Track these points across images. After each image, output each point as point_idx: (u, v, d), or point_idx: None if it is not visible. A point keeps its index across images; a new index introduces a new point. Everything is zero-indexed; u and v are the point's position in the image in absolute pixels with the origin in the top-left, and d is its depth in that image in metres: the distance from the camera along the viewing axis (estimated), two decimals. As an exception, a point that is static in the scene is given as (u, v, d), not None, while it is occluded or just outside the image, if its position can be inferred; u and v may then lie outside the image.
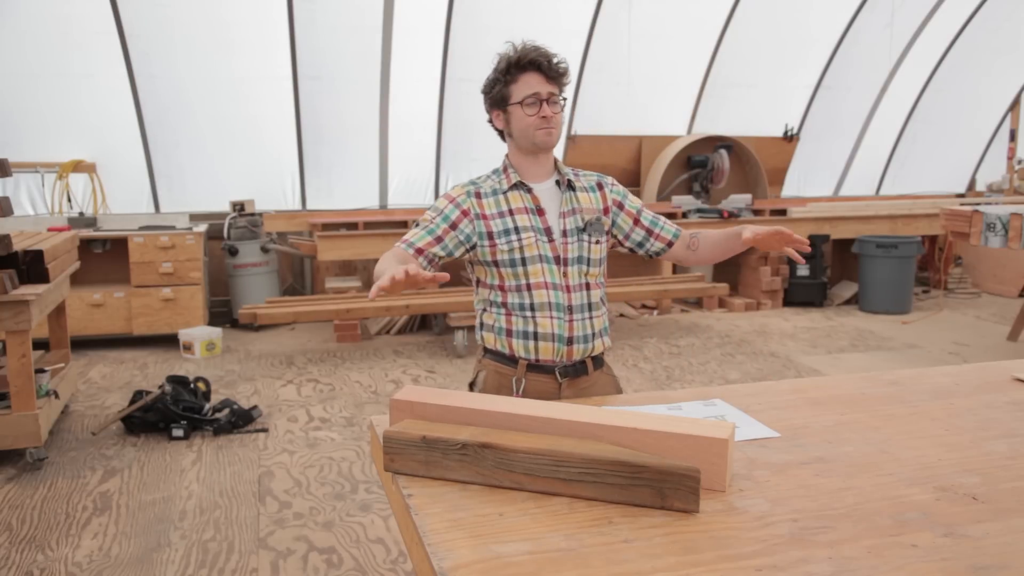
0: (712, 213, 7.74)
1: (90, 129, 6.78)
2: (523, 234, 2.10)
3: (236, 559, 3.01)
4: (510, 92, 2.08)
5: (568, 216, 2.14)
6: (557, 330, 2.11)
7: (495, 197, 2.14)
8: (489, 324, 2.18)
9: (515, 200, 2.13)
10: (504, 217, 2.11)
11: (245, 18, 6.79)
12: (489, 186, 2.15)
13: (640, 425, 1.47)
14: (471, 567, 1.16)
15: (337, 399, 4.93)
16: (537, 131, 2.08)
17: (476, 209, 2.11)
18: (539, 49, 2.08)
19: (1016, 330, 6.37)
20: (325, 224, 7.13)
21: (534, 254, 2.10)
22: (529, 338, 2.12)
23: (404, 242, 2.08)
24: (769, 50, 8.34)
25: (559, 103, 2.10)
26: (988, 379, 2.09)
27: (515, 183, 2.13)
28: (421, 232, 2.09)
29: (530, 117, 2.07)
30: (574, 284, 2.13)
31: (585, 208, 2.16)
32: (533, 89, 2.06)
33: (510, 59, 2.08)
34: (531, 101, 2.07)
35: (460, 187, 2.17)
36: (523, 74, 2.06)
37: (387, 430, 1.54)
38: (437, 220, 2.10)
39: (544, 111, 2.06)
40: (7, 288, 3.59)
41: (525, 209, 2.13)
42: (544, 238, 2.11)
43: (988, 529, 1.27)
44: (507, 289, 2.13)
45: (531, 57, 2.06)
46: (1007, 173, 9.38)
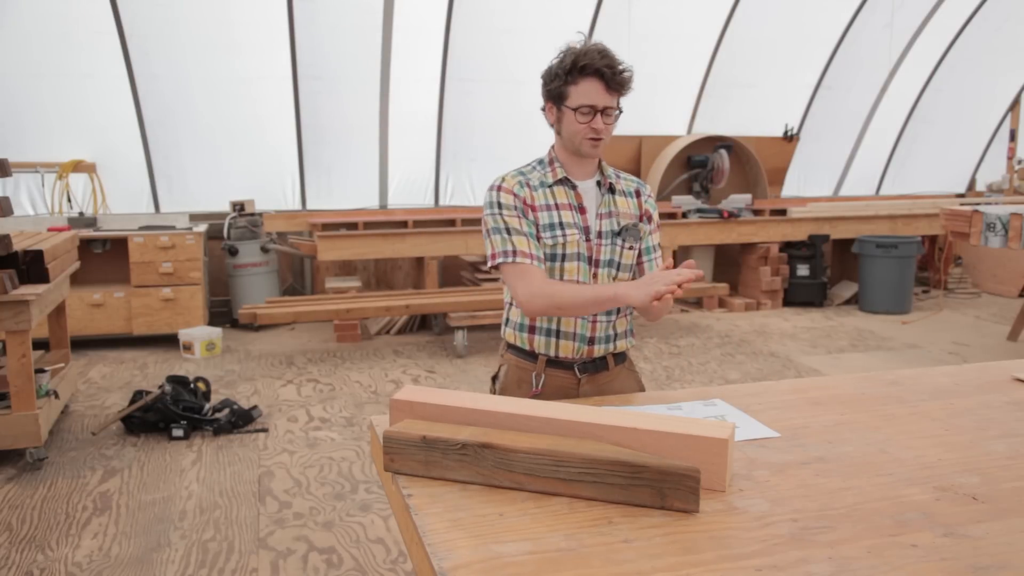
0: (712, 213, 7.74)
1: (90, 129, 6.78)
2: (567, 230, 2.09)
3: (236, 559, 3.01)
4: (568, 93, 2.02)
5: (605, 218, 2.12)
6: (579, 330, 2.12)
7: (543, 190, 2.11)
8: (514, 320, 2.20)
9: (560, 195, 2.11)
10: (551, 211, 2.09)
11: (245, 18, 6.79)
12: (536, 177, 2.12)
13: (640, 425, 1.47)
14: (471, 567, 1.16)
15: (337, 399, 4.93)
16: (585, 140, 2.04)
17: (529, 200, 2.10)
18: (606, 56, 1.99)
19: (1016, 330, 6.36)
20: (325, 224, 7.13)
21: (573, 251, 2.09)
22: (551, 335, 2.14)
23: (532, 258, 2.03)
24: (769, 50, 8.34)
25: (613, 115, 2.04)
26: (988, 379, 2.09)
27: (561, 178, 2.11)
28: (530, 240, 2.05)
29: (581, 125, 2.03)
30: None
31: (622, 212, 2.14)
32: (591, 99, 2.00)
33: (576, 58, 1.99)
34: (586, 111, 2.01)
35: (511, 177, 2.13)
36: (584, 79, 1.99)
37: (387, 430, 1.54)
38: (517, 216, 2.06)
39: (596, 123, 2.02)
40: (7, 288, 3.59)
41: (569, 206, 2.11)
42: (583, 237, 2.10)
43: (988, 529, 1.27)
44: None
45: (596, 65, 1.97)
46: (1007, 173, 9.38)
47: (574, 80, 2.00)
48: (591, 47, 2.00)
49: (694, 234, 7.50)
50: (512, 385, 2.19)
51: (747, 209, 7.91)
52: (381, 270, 7.59)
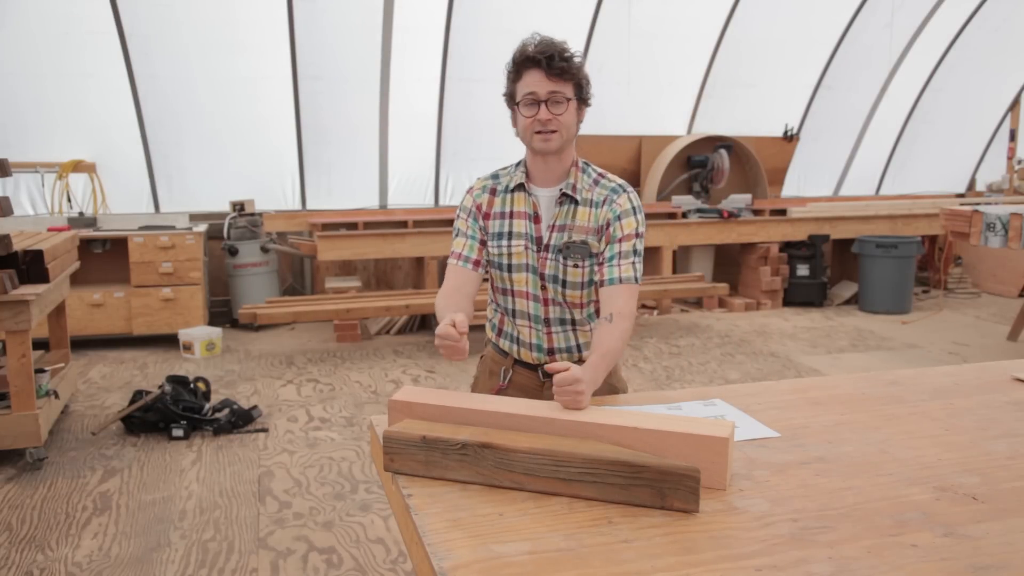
0: (712, 213, 7.74)
1: (90, 129, 6.78)
2: (514, 241, 2.03)
3: (236, 559, 3.01)
4: (515, 90, 1.96)
5: (556, 231, 2.01)
6: (535, 340, 2.11)
7: (503, 195, 2.07)
8: (490, 317, 2.24)
9: (519, 202, 2.06)
10: (504, 219, 2.05)
11: (245, 18, 6.79)
12: (505, 181, 2.08)
13: (640, 425, 1.47)
14: (471, 567, 1.16)
15: (337, 399, 4.93)
16: (534, 135, 1.94)
17: (485, 207, 2.08)
18: (543, 43, 1.91)
19: (1016, 330, 6.36)
20: (325, 224, 7.13)
21: (521, 262, 2.04)
22: (513, 341, 2.15)
23: (459, 258, 2.06)
24: (769, 50, 8.33)
25: (564, 102, 1.91)
26: (988, 379, 2.09)
27: (518, 184, 2.05)
28: (467, 241, 2.07)
29: (527, 119, 1.93)
30: (552, 299, 2.06)
31: (578, 226, 2.00)
32: (531, 88, 1.91)
33: (513, 56, 1.95)
34: (528, 101, 1.92)
35: (481, 180, 2.12)
36: (525, 72, 1.92)
37: (387, 430, 1.54)
38: (470, 223, 2.08)
39: (541, 113, 1.91)
40: (7, 288, 3.59)
41: (525, 214, 2.04)
42: (534, 247, 2.03)
43: (988, 529, 1.27)
44: (496, 290, 2.14)
45: (529, 54, 1.90)
46: (1007, 173, 9.38)
47: (518, 75, 1.94)
48: (528, 41, 1.94)
49: (694, 234, 7.50)
50: (484, 375, 2.23)
51: (747, 209, 7.91)
52: (381, 270, 7.59)
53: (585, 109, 2.01)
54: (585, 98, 1.98)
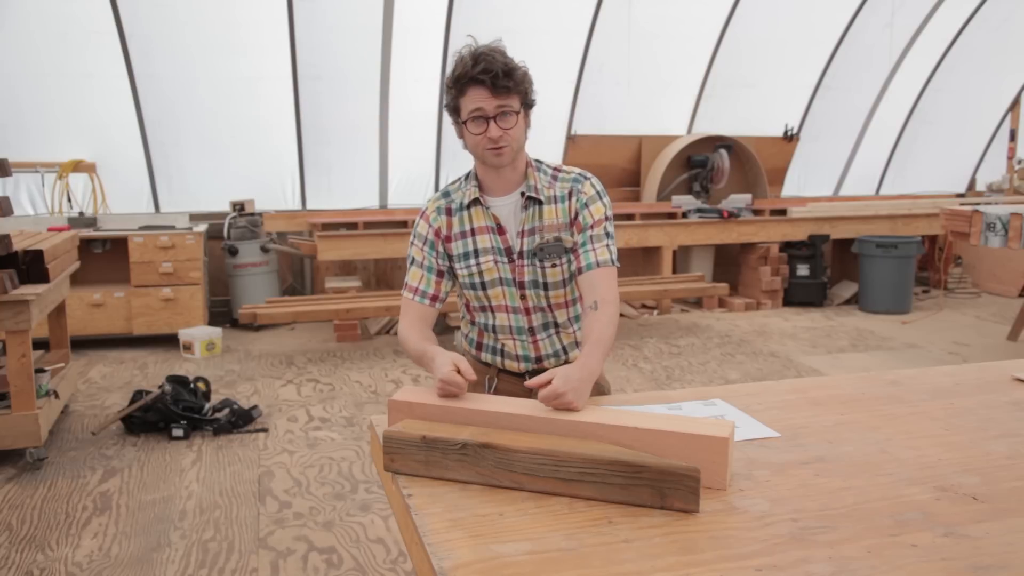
0: (712, 213, 7.74)
1: (90, 129, 6.78)
2: (482, 257, 1.99)
3: (236, 559, 3.01)
4: (459, 105, 1.88)
5: (527, 236, 1.98)
6: (521, 351, 2.09)
7: (460, 214, 2.00)
8: (464, 332, 2.21)
9: (477, 217, 1.99)
10: (466, 238, 2.00)
11: (245, 18, 6.79)
12: (458, 199, 2.02)
13: (640, 425, 1.48)
14: (471, 567, 1.16)
15: (337, 399, 4.93)
16: (486, 151, 1.89)
17: (444, 230, 2.01)
18: (481, 59, 1.81)
19: (1016, 330, 6.36)
20: (325, 224, 7.13)
21: (494, 277, 2.00)
22: (497, 354, 2.13)
23: (415, 292, 2.00)
24: (769, 50, 8.33)
25: (512, 115, 1.86)
26: (988, 379, 2.09)
27: (473, 199, 1.98)
28: (422, 273, 2.01)
29: (476, 136, 1.88)
30: (533, 306, 2.03)
31: (547, 225, 1.97)
32: (477, 104, 1.84)
33: (453, 71, 1.86)
34: (476, 116, 1.86)
35: (433, 201, 2.05)
36: (469, 89, 1.84)
37: (387, 430, 1.54)
38: (426, 252, 2.01)
39: (492, 131, 1.85)
40: (7, 288, 3.59)
41: (487, 228, 1.99)
42: (504, 259, 1.99)
43: (988, 529, 1.27)
44: (472, 309, 2.11)
45: (471, 74, 1.82)
46: (1007, 173, 9.38)
47: (461, 91, 1.86)
48: (466, 54, 1.85)
49: (694, 234, 7.49)
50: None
51: (747, 209, 7.91)
52: (381, 270, 7.59)
53: (532, 109, 1.95)
54: (531, 103, 1.93)
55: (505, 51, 1.87)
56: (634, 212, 7.77)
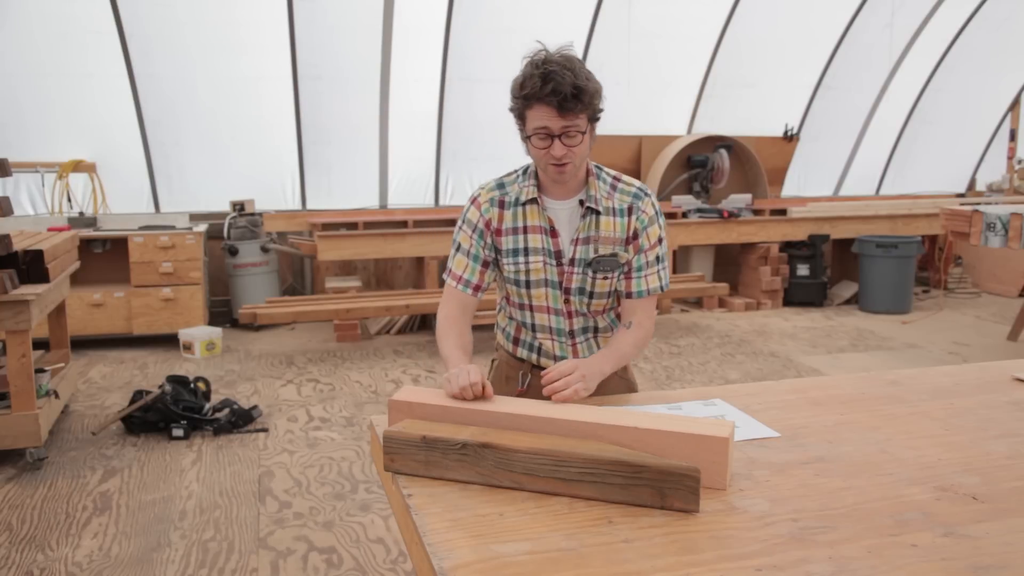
0: (712, 213, 7.74)
1: (90, 129, 6.78)
2: (531, 256, 1.98)
3: (236, 559, 3.01)
4: (525, 117, 1.86)
5: (581, 244, 1.97)
6: (559, 352, 2.10)
7: (514, 209, 1.99)
8: (502, 325, 2.21)
9: (531, 216, 1.98)
10: (517, 235, 1.99)
11: (245, 18, 6.79)
12: (514, 193, 2.00)
13: (640, 425, 1.48)
14: (471, 567, 1.16)
15: (337, 399, 4.93)
16: (548, 166, 1.88)
17: (495, 222, 2.00)
18: (551, 78, 1.76)
19: (1016, 330, 6.36)
20: (325, 224, 7.13)
21: (540, 278, 2.00)
22: (533, 351, 2.14)
23: (459, 281, 1.99)
24: (769, 50, 8.33)
25: (578, 135, 1.83)
26: (988, 379, 2.09)
27: (532, 198, 1.97)
28: (468, 261, 2.00)
29: (540, 151, 1.86)
30: (575, 311, 2.04)
31: (603, 237, 1.97)
32: (543, 122, 1.82)
33: (520, 85, 1.82)
34: (542, 135, 1.84)
35: (487, 191, 2.02)
36: (535, 104, 1.81)
37: (387, 430, 1.54)
38: (475, 240, 2.00)
39: (555, 149, 1.83)
40: (7, 288, 3.59)
41: (540, 228, 1.97)
42: (553, 262, 1.98)
43: (988, 529, 1.27)
44: (512, 304, 2.11)
45: (539, 95, 1.78)
46: (1007, 173, 9.38)
47: (527, 106, 1.83)
48: (534, 71, 1.80)
49: (694, 234, 7.49)
50: (500, 380, 2.20)
51: (747, 209, 7.91)
52: (381, 270, 7.59)
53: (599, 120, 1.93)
54: (599, 117, 1.91)
55: (577, 65, 1.82)
56: (634, 212, 7.76)
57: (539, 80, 1.78)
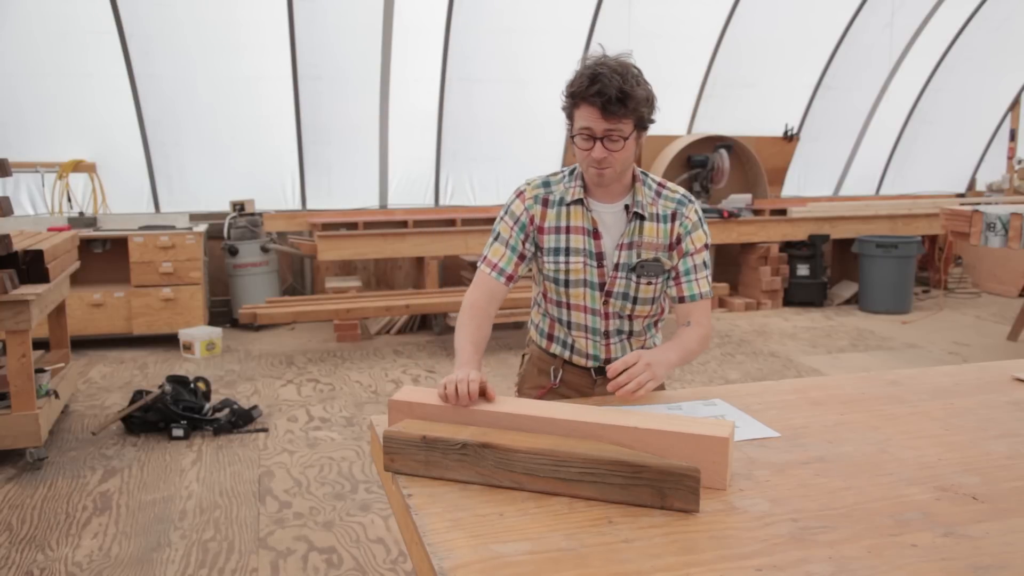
0: (712, 213, 7.73)
1: (90, 129, 6.78)
2: (572, 257, 1.99)
3: (236, 559, 3.01)
4: (572, 115, 1.88)
5: (625, 249, 1.98)
6: (592, 351, 2.11)
7: (558, 208, 2.00)
8: (536, 321, 2.22)
9: (575, 216, 1.99)
10: (559, 234, 2.00)
11: (245, 18, 6.79)
12: (559, 192, 2.01)
13: (640, 425, 1.48)
14: (471, 567, 1.16)
15: (337, 399, 4.93)
16: (589, 168, 1.90)
17: (538, 220, 2.01)
18: (600, 80, 1.78)
19: (1016, 330, 6.36)
20: (325, 224, 7.13)
21: (579, 278, 2.01)
22: (566, 348, 2.14)
23: (493, 268, 2.00)
24: (769, 50, 8.33)
25: (620, 141, 1.85)
26: (988, 379, 2.09)
27: (577, 199, 1.99)
28: (505, 251, 2.00)
29: (583, 152, 1.88)
30: (613, 313, 2.04)
31: (647, 243, 1.98)
32: (587, 123, 1.84)
33: (571, 83, 1.84)
34: (585, 136, 1.86)
35: (532, 187, 2.04)
36: (582, 104, 1.83)
37: (387, 430, 1.54)
38: (515, 231, 2.01)
39: (596, 151, 1.84)
40: (7, 288, 3.59)
41: (583, 229, 1.98)
42: (594, 263, 1.99)
43: (988, 529, 1.27)
44: (548, 300, 2.12)
45: (584, 94, 1.80)
46: (1007, 173, 9.38)
47: (574, 105, 1.86)
48: (584, 71, 1.83)
49: (694, 234, 7.48)
50: (532, 374, 2.21)
51: (747, 209, 7.91)
52: (381, 270, 7.59)
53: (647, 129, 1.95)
54: (647, 125, 1.92)
55: (628, 70, 1.83)
56: (634, 212, 7.77)
57: (587, 80, 1.81)
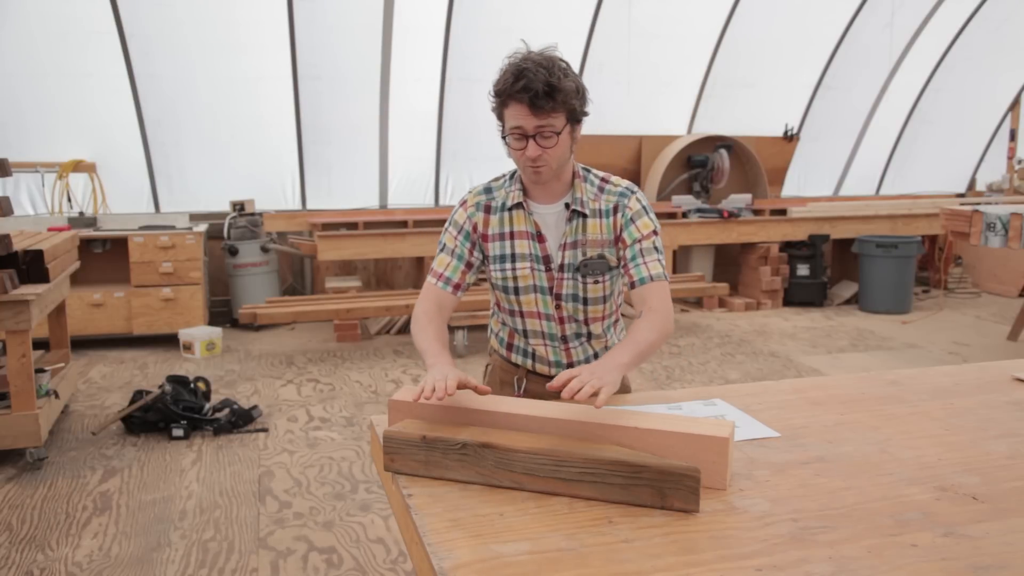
0: (712, 213, 7.74)
1: (90, 129, 6.78)
2: (519, 263, 1.95)
3: (236, 559, 3.01)
4: (502, 116, 1.82)
5: (568, 249, 1.93)
6: (553, 357, 2.08)
7: (501, 214, 1.96)
8: (495, 330, 2.19)
9: (518, 221, 1.95)
10: (504, 240, 1.96)
11: (245, 18, 6.79)
12: (501, 198, 1.97)
13: (640, 425, 1.47)
14: (471, 567, 1.16)
15: (337, 399, 4.93)
16: (525, 168, 1.85)
17: (481, 227, 1.97)
18: (525, 75, 1.72)
19: (1016, 330, 6.36)
20: (325, 224, 7.13)
21: (528, 284, 1.97)
22: (527, 356, 2.12)
23: (439, 278, 1.95)
24: (769, 50, 8.33)
25: (553, 136, 1.78)
26: (988, 379, 2.09)
27: (517, 203, 1.94)
28: (451, 260, 1.96)
29: (516, 152, 1.83)
30: (568, 316, 2.00)
31: (591, 240, 1.92)
32: (517, 122, 1.78)
33: (497, 83, 1.79)
34: (517, 135, 1.80)
35: (474, 195, 2.00)
36: (510, 102, 1.77)
37: (387, 430, 1.54)
38: (460, 241, 1.97)
39: (530, 149, 1.78)
40: (7, 288, 3.59)
41: (527, 233, 1.94)
42: (541, 267, 1.95)
43: (988, 529, 1.27)
44: (502, 310, 2.09)
45: (510, 91, 1.75)
46: (1007, 173, 9.38)
47: (503, 104, 1.79)
48: (509, 67, 1.76)
49: (694, 234, 7.50)
50: (495, 385, 2.17)
51: (747, 209, 7.91)
52: (381, 270, 7.59)
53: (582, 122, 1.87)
54: (579, 118, 1.85)
55: (554, 63, 1.77)
56: (634, 212, 7.77)
57: (512, 77, 1.75)
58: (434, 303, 1.93)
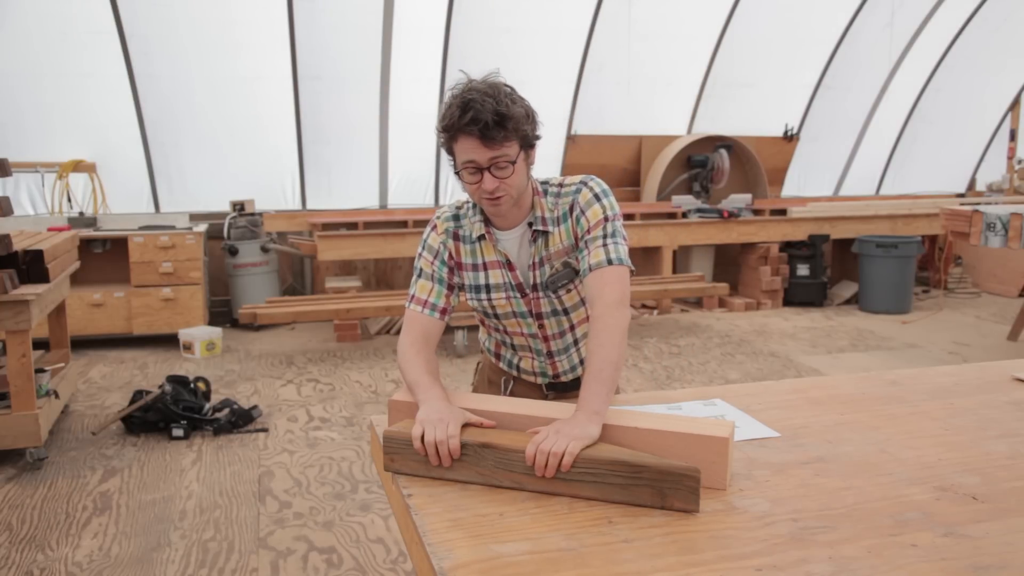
0: (712, 213, 7.74)
1: (90, 129, 6.78)
2: (494, 293, 1.91)
3: (236, 559, 3.01)
4: (452, 150, 1.75)
5: (537, 268, 1.88)
6: (539, 369, 2.07)
7: (470, 245, 1.90)
8: (484, 340, 2.19)
9: (487, 251, 1.89)
10: (477, 271, 1.91)
11: (245, 18, 6.79)
12: (467, 227, 1.90)
13: (640, 425, 1.48)
14: (471, 567, 1.16)
15: (337, 399, 4.93)
16: (483, 201, 1.78)
17: (454, 254, 1.90)
18: (472, 106, 1.66)
19: (1016, 330, 6.36)
20: (325, 224, 7.13)
21: (507, 311, 1.93)
22: (513, 367, 2.11)
23: (424, 305, 1.85)
24: (769, 50, 8.33)
25: (508, 166, 1.71)
26: (988, 379, 2.09)
27: (480, 235, 1.88)
28: (432, 285, 1.87)
29: (472, 186, 1.75)
30: (552, 333, 1.97)
31: (555, 253, 1.86)
32: (469, 156, 1.70)
33: (444, 117, 1.71)
34: (471, 169, 1.72)
35: (443, 220, 1.92)
36: (460, 137, 1.70)
37: (387, 430, 1.54)
38: (437, 265, 1.89)
39: (486, 183, 1.71)
40: (7, 288, 3.59)
41: (498, 263, 1.89)
42: (516, 294, 1.90)
43: (988, 529, 1.27)
44: (487, 326, 2.07)
45: (459, 125, 1.67)
46: (1007, 173, 9.38)
47: (452, 138, 1.72)
48: (453, 100, 1.70)
49: (694, 234, 7.50)
50: (484, 383, 2.19)
51: (747, 209, 7.91)
52: (381, 270, 7.59)
53: (535, 146, 1.80)
54: (532, 143, 1.78)
55: (499, 90, 1.71)
56: (634, 212, 7.77)
57: (458, 110, 1.68)
58: (420, 333, 1.83)
